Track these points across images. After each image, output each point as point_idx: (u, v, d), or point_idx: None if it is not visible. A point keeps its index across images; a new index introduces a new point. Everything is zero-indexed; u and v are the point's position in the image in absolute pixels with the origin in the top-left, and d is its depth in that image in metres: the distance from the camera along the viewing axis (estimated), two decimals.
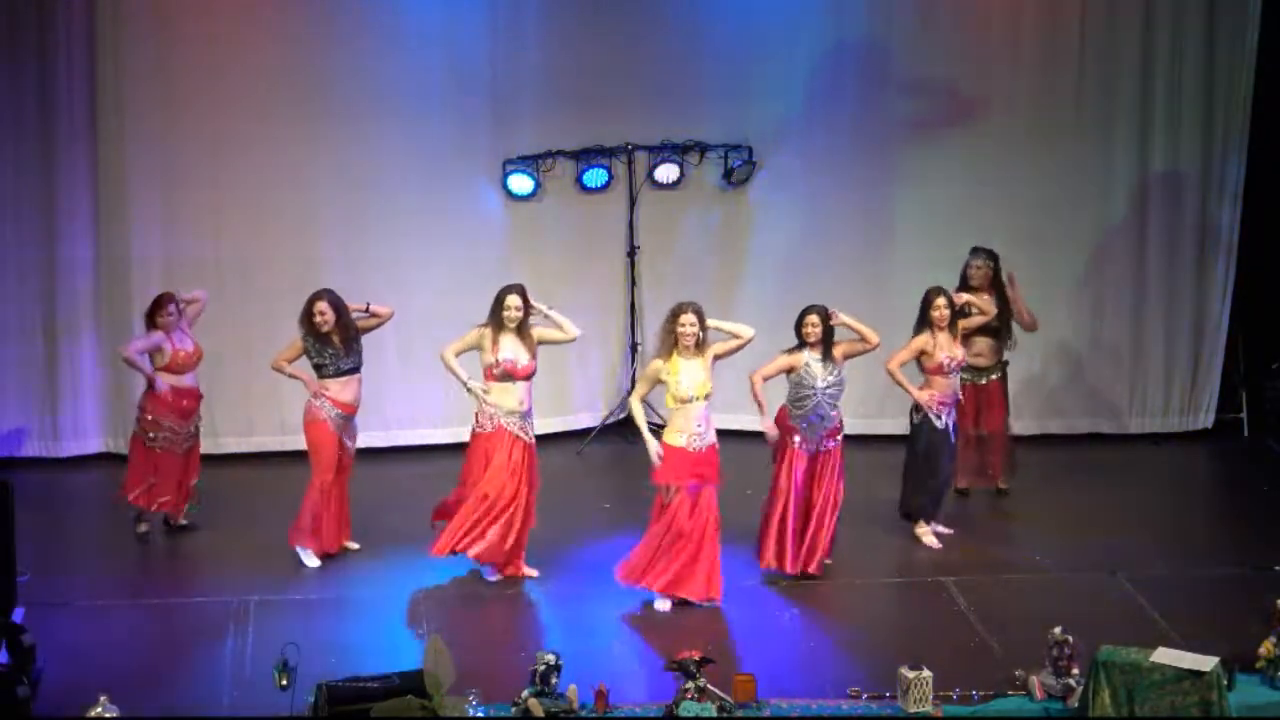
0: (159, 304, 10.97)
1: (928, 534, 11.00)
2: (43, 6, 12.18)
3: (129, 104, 12.39)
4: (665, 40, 12.98)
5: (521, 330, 10.25)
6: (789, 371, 10.34)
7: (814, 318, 10.31)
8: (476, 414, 10.35)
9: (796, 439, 10.33)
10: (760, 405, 10.25)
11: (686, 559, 9.89)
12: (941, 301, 10.80)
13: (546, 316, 10.38)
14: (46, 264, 12.52)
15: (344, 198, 12.76)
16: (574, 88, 12.96)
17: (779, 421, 10.40)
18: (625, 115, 13.06)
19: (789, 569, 10.34)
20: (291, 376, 10.70)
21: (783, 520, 10.32)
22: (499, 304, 10.23)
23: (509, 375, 10.20)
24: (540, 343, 10.38)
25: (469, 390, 10.28)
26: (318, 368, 10.61)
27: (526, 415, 10.34)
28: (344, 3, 12.68)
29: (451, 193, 12.94)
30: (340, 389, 10.62)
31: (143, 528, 11.12)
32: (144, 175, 12.52)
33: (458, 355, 10.28)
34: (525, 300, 10.25)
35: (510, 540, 10.28)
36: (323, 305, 10.55)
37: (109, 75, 12.32)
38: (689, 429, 9.85)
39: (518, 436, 10.28)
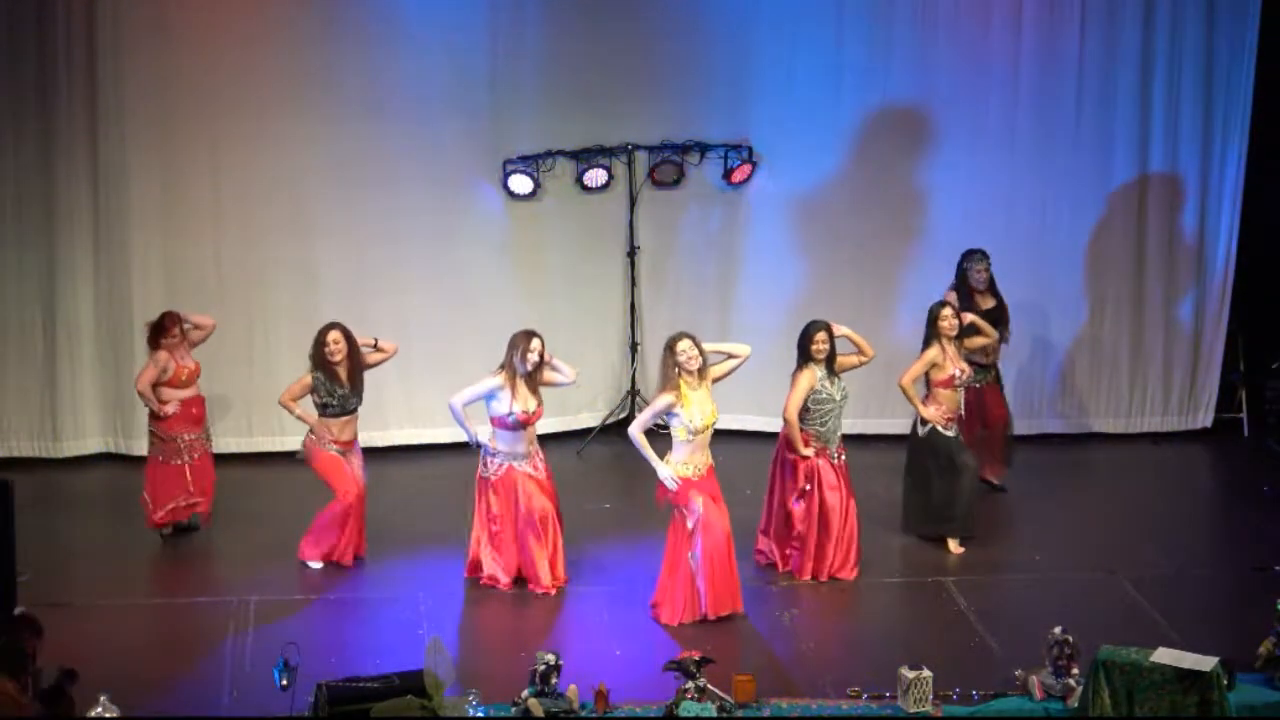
0: (163, 327, 10.94)
1: (956, 540, 10.98)
2: (43, 8, 12.18)
3: (129, 104, 12.38)
4: (665, 40, 12.98)
5: (532, 375, 10.21)
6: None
7: (823, 334, 10.36)
8: (485, 459, 10.29)
9: (819, 459, 10.38)
10: (797, 445, 10.33)
11: (723, 574, 9.84)
12: (948, 312, 10.84)
13: (547, 363, 10.33)
14: (46, 264, 12.52)
15: (344, 198, 12.75)
16: (574, 88, 12.96)
17: (788, 447, 10.44)
18: (625, 115, 13.05)
19: (824, 576, 10.46)
20: (299, 418, 10.64)
21: (823, 533, 10.42)
22: (517, 349, 10.12)
23: (522, 425, 10.19)
24: (542, 385, 10.32)
25: (474, 445, 10.24)
26: (323, 407, 10.57)
27: (536, 452, 10.36)
28: (344, 3, 12.67)
29: (451, 193, 12.93)
30: (341, 429, 10.61)
31: (165, 531, 11.13)
32: (144, 175, 12.52)
33: (466, 405, 10.16)
34: (542, 345, 10.22)
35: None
36: (336, 334, 10.51)
37: (109, 76, 12.32)
38: (694, 460, 9.83)
39: (530, 474, 10.27)
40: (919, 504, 11.08)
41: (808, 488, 10.36)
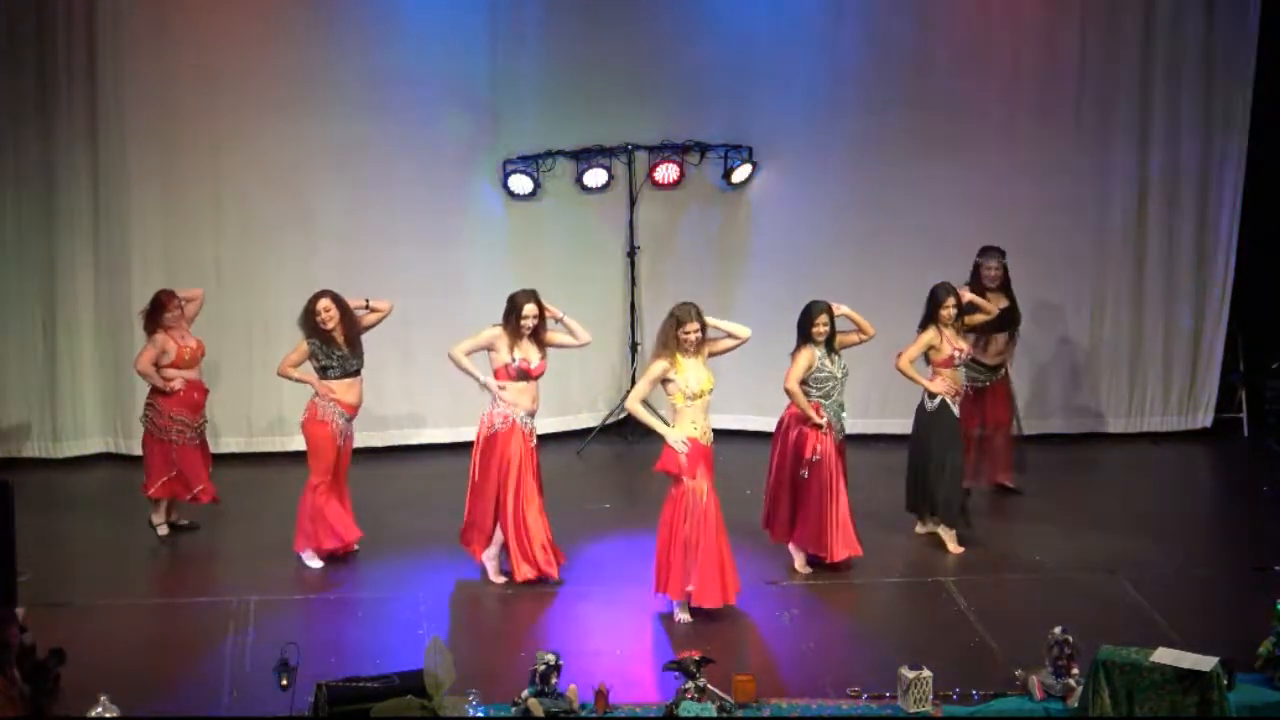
0: (162, 305, 10.96)
1: (952, 538, 10.97)
2: (43, 9, 12.18)
3: (128, 104, 12.39)
4: (665, 40, 12.99)
5: (534, 334, 10.21)
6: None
7: (825, 316, 10.38)
8: (490, 414, 10.29)
9: (824, 430, 10.38)
10: (809, 414, 10.32)
11: (712, 565, 9.82)
12: (951, 300, 10.83)
13: (559, 321, 10.34)
14: (46, 264, 12.52)
15: (344, 197, 12.77)
16: (574, 88, 12.97)
17: (794, 420, 10.42)
18: (625, 115, 13.06)
19: (836, 558, 10.47)
20: (298, 380, 10.65)
21: (827, 512, 10.43)
22: (515, 311, 10.14)
23: (524, 375, 10.17)
24: (549, 346, 10.34)
25: (484, 386, 10.22)
26: (323, 370, 10.58)
27: (534, 415, 10.35)
28: (344, 4, 12.68)
29: (451, 193, 12.94)
30: (345, 390, 10.61)
31: (162, 530, 11.12)
32: (144, 175, 12.52)
33: (468, 354, 10.21)
34: (540, 307, 10.21)
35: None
36: (326, 302, 10.54)
37: (108, 76, 12.32)
38: (699, 422, 9.83)
39: (528, 436, 10.28)
40: (911, 485, 11.10)
41: (816, 458, 10.37)
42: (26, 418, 12.65)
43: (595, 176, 13.08)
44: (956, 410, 10.93)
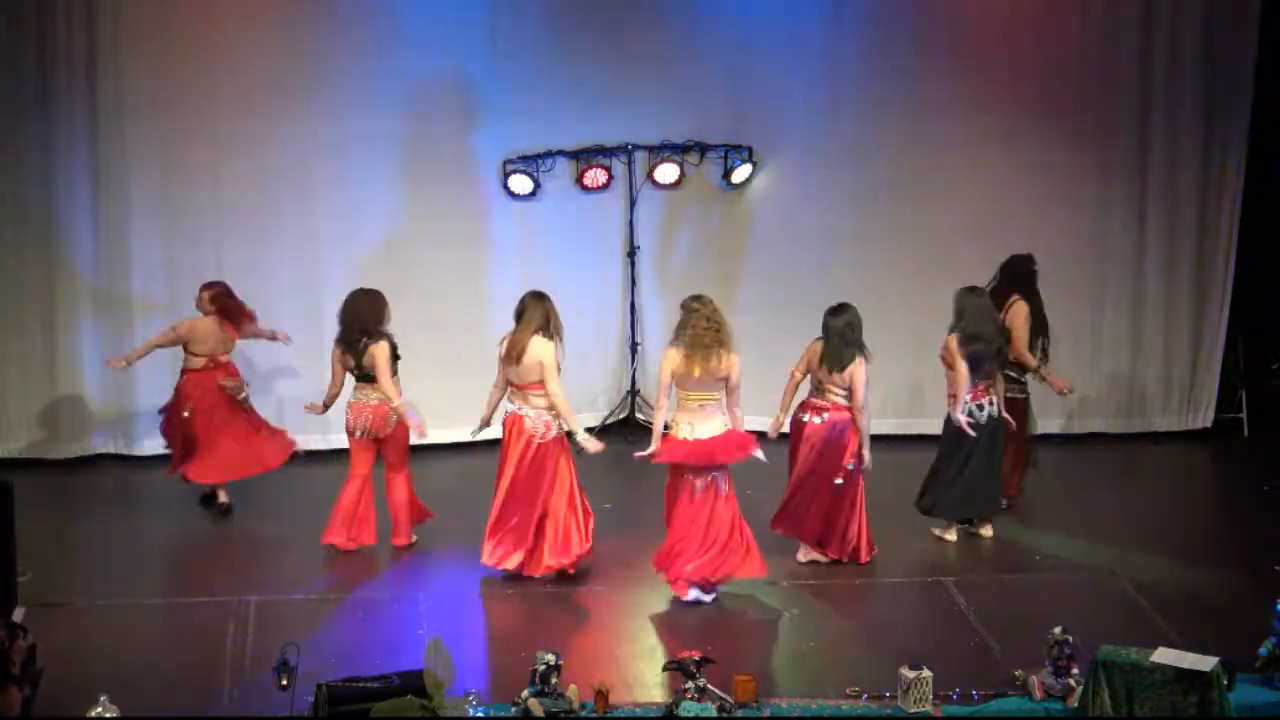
0: (238, 306, 11.37)
1: (987, 528, 11.16)
2: (43, 7, 12.18)
3: (129, 104, 12.39)
4: (665, 40, 12.99)
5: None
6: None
7: None
8: (547, 423, 10.34)
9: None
10: (866, 439, 10.55)
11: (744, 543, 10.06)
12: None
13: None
14: (46, 264, 12.52)
15: (344, 197, 12.76)
16: (574, 88, 12.97)
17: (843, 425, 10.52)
18: (625, 115, 13.06)
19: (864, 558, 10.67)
20: (400, 408, 10.65)
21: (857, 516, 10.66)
22: (554, 315, 10.25)
23: None
24: None
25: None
26: (397, 362, 10.75)
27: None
28: (344, 3, 12.68)
29: (451, 193, 12.94)
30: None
31: (222, 498, 11.33)
32: (144, 175, 12.52)
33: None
34: None
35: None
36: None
37: (109, 75, 12.32)
38: (685, 419, 10.03)
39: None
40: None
41: (850, 466, 10.46)
42: (26, 418, 12.65)
43: (595, 176, 13.08)
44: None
